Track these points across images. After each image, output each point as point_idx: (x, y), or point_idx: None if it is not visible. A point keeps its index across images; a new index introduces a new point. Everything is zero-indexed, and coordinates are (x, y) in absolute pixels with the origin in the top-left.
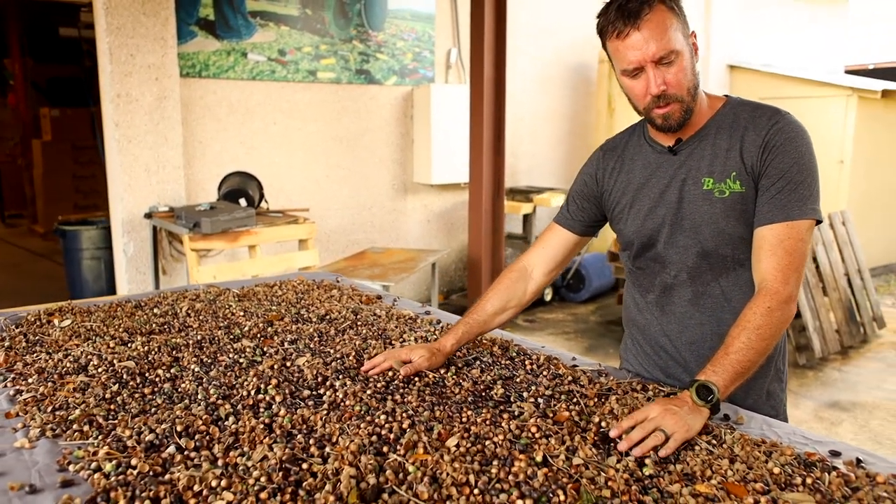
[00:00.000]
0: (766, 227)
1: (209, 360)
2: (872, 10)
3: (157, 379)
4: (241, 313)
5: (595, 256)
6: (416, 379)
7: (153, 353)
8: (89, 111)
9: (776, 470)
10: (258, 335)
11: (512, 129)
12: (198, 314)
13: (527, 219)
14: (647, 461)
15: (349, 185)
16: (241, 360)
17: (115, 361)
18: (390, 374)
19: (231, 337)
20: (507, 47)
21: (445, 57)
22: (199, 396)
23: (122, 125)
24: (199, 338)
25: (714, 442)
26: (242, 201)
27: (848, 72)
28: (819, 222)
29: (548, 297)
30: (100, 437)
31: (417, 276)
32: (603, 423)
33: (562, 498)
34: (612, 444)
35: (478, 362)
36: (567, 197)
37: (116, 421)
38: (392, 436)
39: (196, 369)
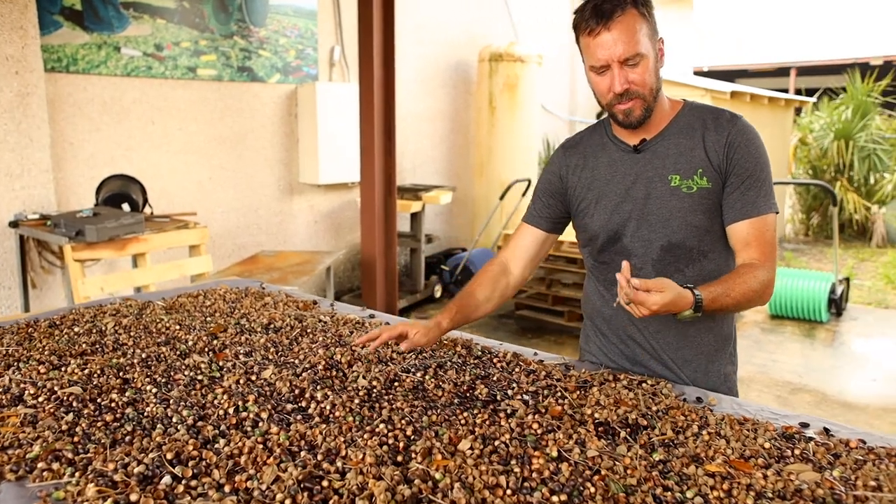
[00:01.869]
0: (744, 222)
1: (163, 380)
2: (710, 17)
3: (113, 405)
4: (177, 327)
5: (483, 251)
6: (396, 384)
7: (96, 376)
8: None
9: (767, 445)
10: (206, 349)
11: (395, 128)
12: (128, 331)
13: (415, 217)
14: (659, 449)
15: (234, 186)
16: (199, 377)
17: (55, 388)
18: (373, 382)
19: (178, 353)
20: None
21: (329, 54)
22: (175, 420)
23: None
24: (143, 356)
25: (702, 424)
26: (125, 206)
27: (695, 73)
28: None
29: (437, 294)
30: (76, 475)
31: (309, 279)
32: (597, 415)
33: (592, 490)
34: (616, 435)
35: (449, 363)
36: (533, 196)
37: (90, 454)
38: (401, 444)
39: (153, 390)
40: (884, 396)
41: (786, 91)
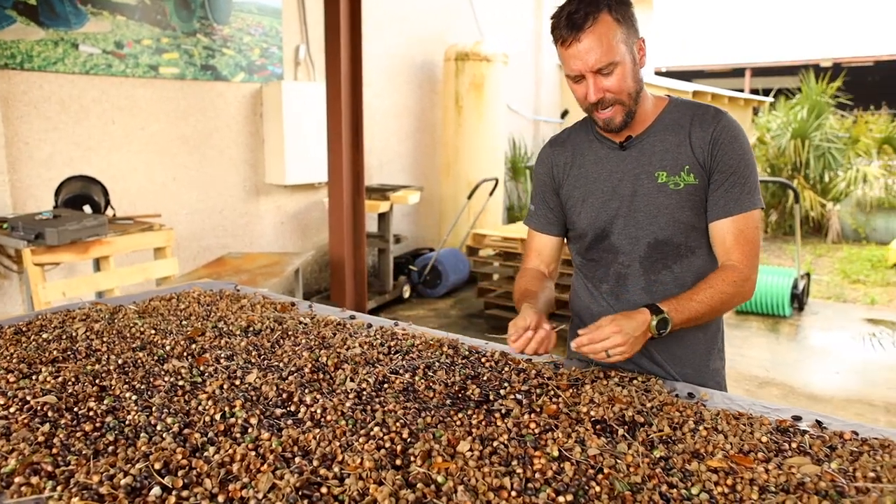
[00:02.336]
0: (727, 219)
1: (143, 387)
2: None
3: (91, 414)
4: (153, 331)
5: (450, 251)
6: (386, 386)
7: (71, 384)
8: None
9: (764, 439)
10: (185, 354)
11: (364, 127)
12: (100, 336)
13: (383, 217)
14: (660, 445)
15: (198, 187)
16: (180, 383)
17: (27, 398)
18: (362, 384)
19: (155, 358)
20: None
21: (294, 53)
22: (159, 428)
23: None
24: (119, 362)
25: (697, 419)
26: (87, 208)
27: (657, 73)
28: (762, 209)
29: (406, 295)
30: (58, 488)
31: (278, 281)
32: (593, 413)
33: (597, 489)
34: (614, 432)
35: (437, 364)
36: (533, 199)
37: (72, 467)
38: (398, 447)
39: (133, 398)
40: (846, 388)
41: (741, 91)
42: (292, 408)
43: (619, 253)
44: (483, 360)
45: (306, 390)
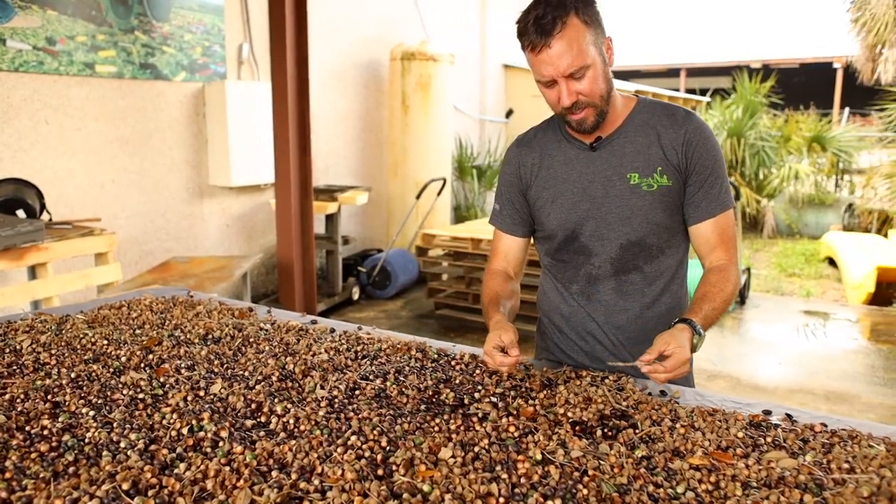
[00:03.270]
0: (708, 221)
1: (100, 402)
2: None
3: (46, 433)
4: (105, 342)
5: (399, 252)
6: (357, 392)
7: (20, 401)
8: None
9: (740, 434)
10: (143, 365)
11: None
12: (48, 348)
13: (331, 218)
14: (641, 445)
15: (139, 190)
16: (140, 396)
17: None
18: (333, 391)
19: (111, 371)
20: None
21: (237, 52)
22: (123, 445)
23: None
24: (72, 376)
25: (673, 417)
26: (21, 213)
27: None
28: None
29: (355, 296)
30: None
31: (227, 285)
32: (570, 414)
33: (584, 492)
34: (593, 433)
35: (407, 368)
36: (498, 198)
37: (29, 492)
38: (378, 457)
39: (91, 413)
40: (789, 378)
41: (677, 90)
42: (263, 418)
43: (591, 255)
44: (453, 363)
45: (276, 399)
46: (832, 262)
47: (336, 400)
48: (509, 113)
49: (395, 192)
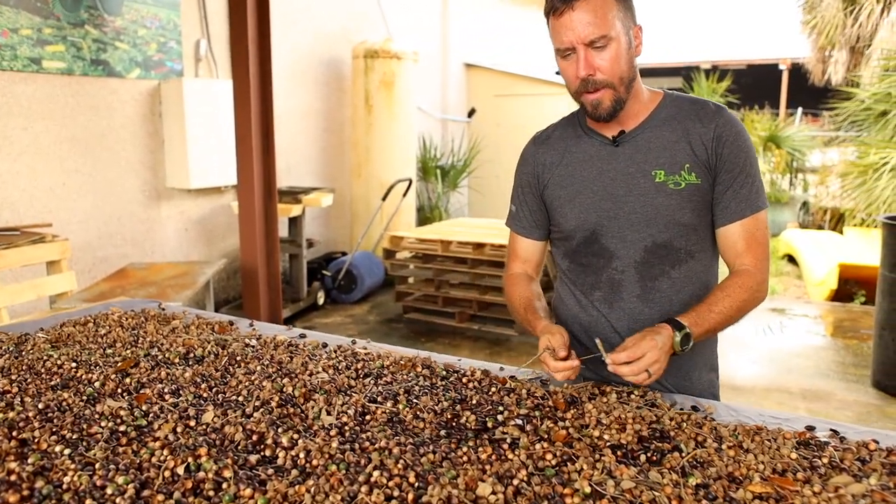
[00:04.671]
0: (736, 224)
1: (75, 437)
2: None
3: (14, 478)
4: (73, 364)
5: (364, 255)
6: (368, 417)
7: None
8: None
9: (793, 456)
10: (120, 391)
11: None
12: (7, 374)
13: (295, 221)
14: (694, 471)
15: (92, 193)
16: (122, 429)
17: None
18: (342, 417)
19: (84, 399)
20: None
21: (194, 48)
22: (109, 491)
23: None
24: (39, 406)
25: (716, 437)
26: None
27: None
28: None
29: (321, 301)
30: None
31: (191, 293)
32: (606, 436)
33: None
34: (636, 458)
35: (417, 387)
36: (514, 199)
37: None
38: (409, 496)
39: (66, 452)
40: (765, 377)
41: None
42: (268, 452)
43: (613, 257)
44: (464, 380)
45: (279, 429)
46: (791, 259)
47: (346, 427)
48: (471, 112)
49: (358, 193)
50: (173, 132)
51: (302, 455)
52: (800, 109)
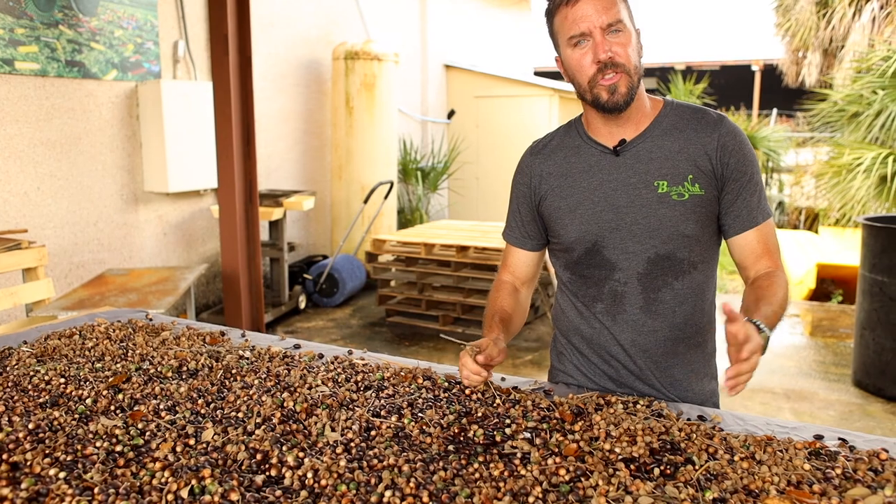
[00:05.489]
0: (751, 231)
1: (69, 459)
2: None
3: None
4: (61, 380)
5: (346, 258)
6: (373, 433)
7: None
8: None
9: (807, 466)
10: (113, 408)
11: (255, 130)
12: None
13: (276, 225)
14: (710, 485)
15: (68, 197)
16: (118, 449)
17: None
18: (346, 433)
19: (77, 417)
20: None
21: (172, 50)
22: None
23: None
24: (30, 427)
25: (726, 448)
26: None
27: (536, 73)
28: None
29: (302, 305)
30: None
31: (173, 300)
32: (617, 449)
33: None
34: (649, 471)
35: (420, 400)
36: (510, 210)
37: None
38: None
39: (62, 476)
40: None
41: None
42: (273, 472)
43: (615, 269)
44: (467, 391)
45: (283, 447)
46: None
47: (352, 444)
48: (451, 114)
49: (339, 195)
50: (151, 135)
51: (310, 475)
52: (774, 110)
